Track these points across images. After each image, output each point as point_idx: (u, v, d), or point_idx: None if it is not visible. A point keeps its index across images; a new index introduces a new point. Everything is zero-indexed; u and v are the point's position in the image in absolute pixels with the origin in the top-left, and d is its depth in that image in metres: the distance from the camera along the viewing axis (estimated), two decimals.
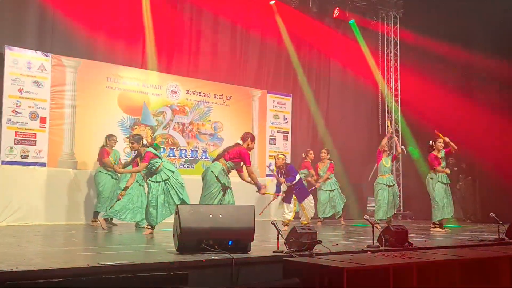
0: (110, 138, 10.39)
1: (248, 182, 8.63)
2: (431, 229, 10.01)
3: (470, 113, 13.70)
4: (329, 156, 12.58)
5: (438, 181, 10.19)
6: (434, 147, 10.32)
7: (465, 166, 13.74)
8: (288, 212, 10.06)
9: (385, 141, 11.60)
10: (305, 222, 9.95)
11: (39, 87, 10.45)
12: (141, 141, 8.61)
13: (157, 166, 8.41)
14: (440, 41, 14.44)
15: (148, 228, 8.30)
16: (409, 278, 4.77)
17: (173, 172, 8.55)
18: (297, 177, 10.23)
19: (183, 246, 5.25)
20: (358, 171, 15.24)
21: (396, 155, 11.99)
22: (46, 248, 6.31)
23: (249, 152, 8.58)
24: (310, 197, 10.45)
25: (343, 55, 15.59)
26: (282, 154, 10.71)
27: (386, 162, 11.20)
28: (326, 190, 12.29)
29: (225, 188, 8.25)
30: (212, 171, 8.24)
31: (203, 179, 8.36)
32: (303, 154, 12.81)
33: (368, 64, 16.15)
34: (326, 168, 12.40)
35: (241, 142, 8.60)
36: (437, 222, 10.11)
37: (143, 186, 9.57)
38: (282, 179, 10.09)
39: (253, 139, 8.76)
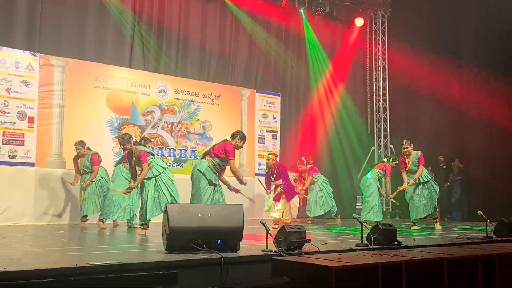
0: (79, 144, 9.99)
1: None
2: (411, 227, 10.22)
3: (460, 112, 13.80)
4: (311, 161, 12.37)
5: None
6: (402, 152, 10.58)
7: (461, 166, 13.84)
8: (276, 210, 10.16)
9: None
10: (288, 221, 9.99)
11: (27, 86, 10.39)
12: (132, 140, 8.59)
13: (149, 162, 8.25)
14: (428, 40, 14.51)
15: (142, 228, 8.17)
16: (398, 277, 4.78)
17: (164, 168, 8.40)
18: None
19: (172, 246, 5.24)
20: (347, 170, 15.31)
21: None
22: (35, 248, 6.28)
23: (235, 149, 8.64)
24: (296, 197, 10.60)
25: (332, 54, 15.63)
26: (272, 154, 10.69)
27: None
28: (315, 190, 12.20)
29: (212, 184, 8.32)
30: (198, 169, 8.38)
31: (191, 178, 8.45)
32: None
33: (356, 63, 16.21)
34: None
35: (229, 139, 8.68)
36: (414, 221, 10.37)
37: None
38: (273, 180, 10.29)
39: (243, 138, 8.81)
